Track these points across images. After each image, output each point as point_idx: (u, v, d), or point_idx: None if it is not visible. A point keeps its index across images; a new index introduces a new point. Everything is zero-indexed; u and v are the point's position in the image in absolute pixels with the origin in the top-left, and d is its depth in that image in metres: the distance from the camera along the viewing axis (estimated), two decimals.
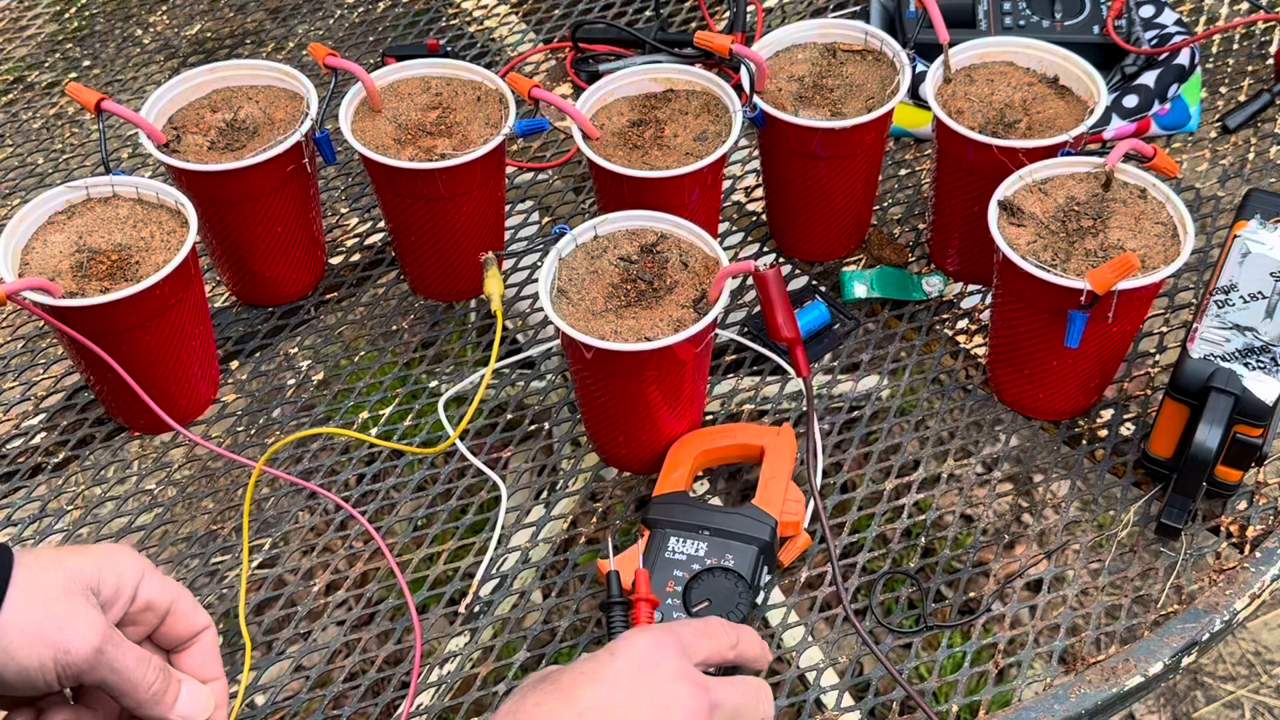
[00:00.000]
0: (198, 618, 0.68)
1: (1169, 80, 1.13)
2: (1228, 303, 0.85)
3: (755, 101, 0.95)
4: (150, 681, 0.64)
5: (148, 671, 0.64)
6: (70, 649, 0.60)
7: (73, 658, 0.60)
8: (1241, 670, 1.59)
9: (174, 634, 0.68)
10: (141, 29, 1.34)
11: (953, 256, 1.02)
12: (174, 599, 0.67)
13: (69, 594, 0.61)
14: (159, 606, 0.66)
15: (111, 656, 0.62)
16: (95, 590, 0.63)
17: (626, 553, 0.84)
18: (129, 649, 0.63)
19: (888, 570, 0.86)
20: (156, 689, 0.64)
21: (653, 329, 0.82)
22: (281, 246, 1.00)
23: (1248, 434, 0.83)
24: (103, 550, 0.65)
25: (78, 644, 0.60)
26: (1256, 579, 0.84)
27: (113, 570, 0.64)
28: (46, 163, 1.19)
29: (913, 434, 0.94)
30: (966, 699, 0.80)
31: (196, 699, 0.66)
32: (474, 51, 1.28)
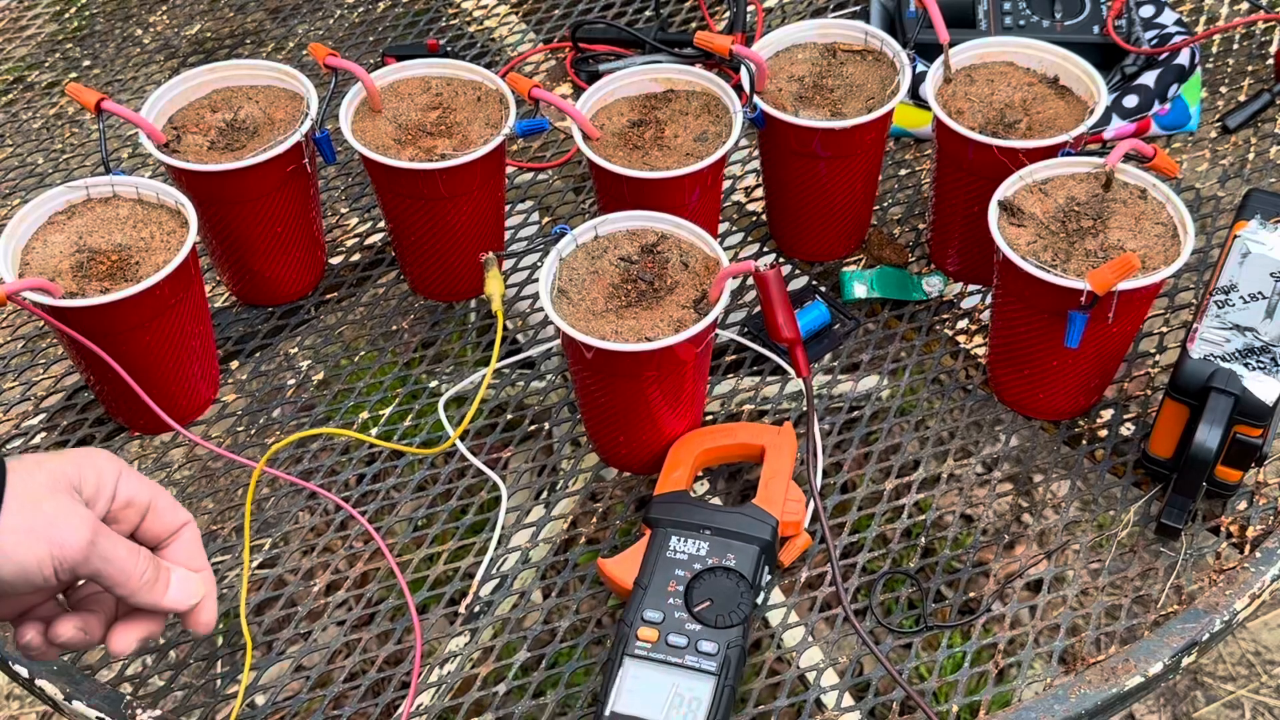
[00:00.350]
0: (178, 514, 0.70)
1: (1169, 80, 1.13)
2: (1228, 303, 0.85)
3: (755, 102, 0.95)
4: (142, 570, 0.65)
5: (139, 560, 0.65)
6: (65, 543, 0.61)
7: (68, 551, 0.62)
8: (1241, 670, 1.59)
9: (156, 530, 0.69)
10: (141, 29, 1.34)
11: (953, 256, 1.02)
12: (152, 496, 0.68)
13: (56, 492, 0.63)
14: (139, 502, 0.68)
15: (104, 548, 0.63)
16: (78, 489, 0.64)
17: (627, 552, 0.84)
18: (119, 540, 0.65)
19: (888, 570, 0.86)
20: (148, 576, 0.66)
21: (653, 329, 0.82)
22: (281, 246, 1.00)
23: (1248, 434, 0.83)
24: (79, 451, 0.66)
25: (71, 538, 0.62)
26: (1256, 579, 0.84)
27: (92, 469, 0.65)
28: (46, 163, 1.19)
29: (913, 434, 0.94)
30: (966, 699, 0.80)
31: (186, 585, 0.68)
32: (474, 51, 1.28)
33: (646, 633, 0.79)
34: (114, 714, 0.80)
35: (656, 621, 0.79)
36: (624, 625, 0.79)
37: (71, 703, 0.81)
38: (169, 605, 0.67)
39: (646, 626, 0.79)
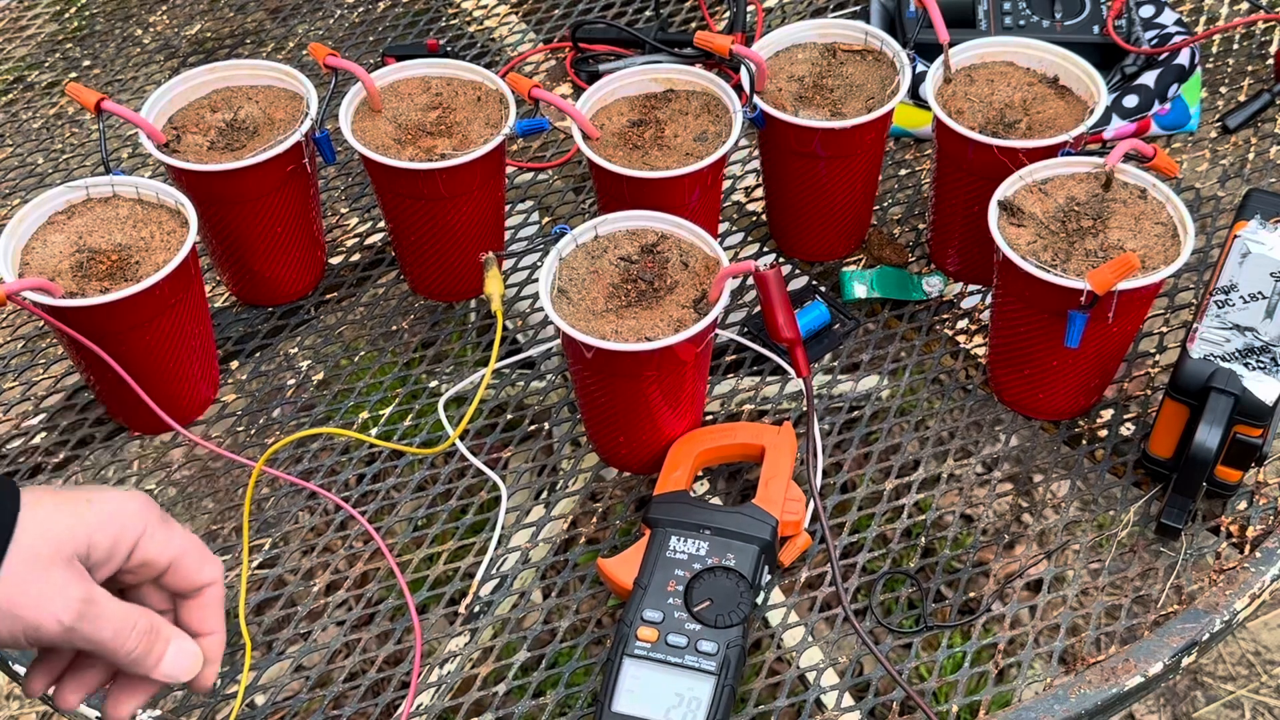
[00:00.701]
0: (203, 573, 0.68)
1: (1169, 80, 1.13)
2: (1228, 303, 0.85)
3: (755, 101, 0.95)
4: (129, 650, 0.64)
5: (125, 640, 0.64)
6: (40, 626, 0.61)
7: (41, 634, 0.61)
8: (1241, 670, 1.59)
9: (176, 585, 0.68)
10: (141, 29, 1.34)
11: (953, 256, 1.02)
12: (176, 555, 0.67)
13: (51, 565, 0.61)
14: (157, 564, 0.66)
15: (84, 632, 0.62)
16: (84, 555, 0.63)
17: (627, 552, 0.84)
18: (106, 622, 0.63)
19: (888, 570, 0.86)
20: (137, 654, 0.65)
21: (653, 329, 0.82)
22: (281, 246, 1.00)
23: (1248, 434, 0.83)
24: (105, 505, 0.64)
25: (47, 622, 0.61)
26: (1256, 579, 0.84)
27: (107, 534, 0.64)
28: (46, 163, 1.19)
29: (913, 434, 0.94)
30: (966, 699, 0.80)
31: (181, 658, 0.67)
32: (474, 51, 1.28)
33: (646, 633, 0.79)
34: None
35: (656, 621, 0.79)
36: (624, 625, 0.79)
37: None
38: (160, 678, 0.66)
39: (646, 626, 0.79)
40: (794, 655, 0.83)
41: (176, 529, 0.67)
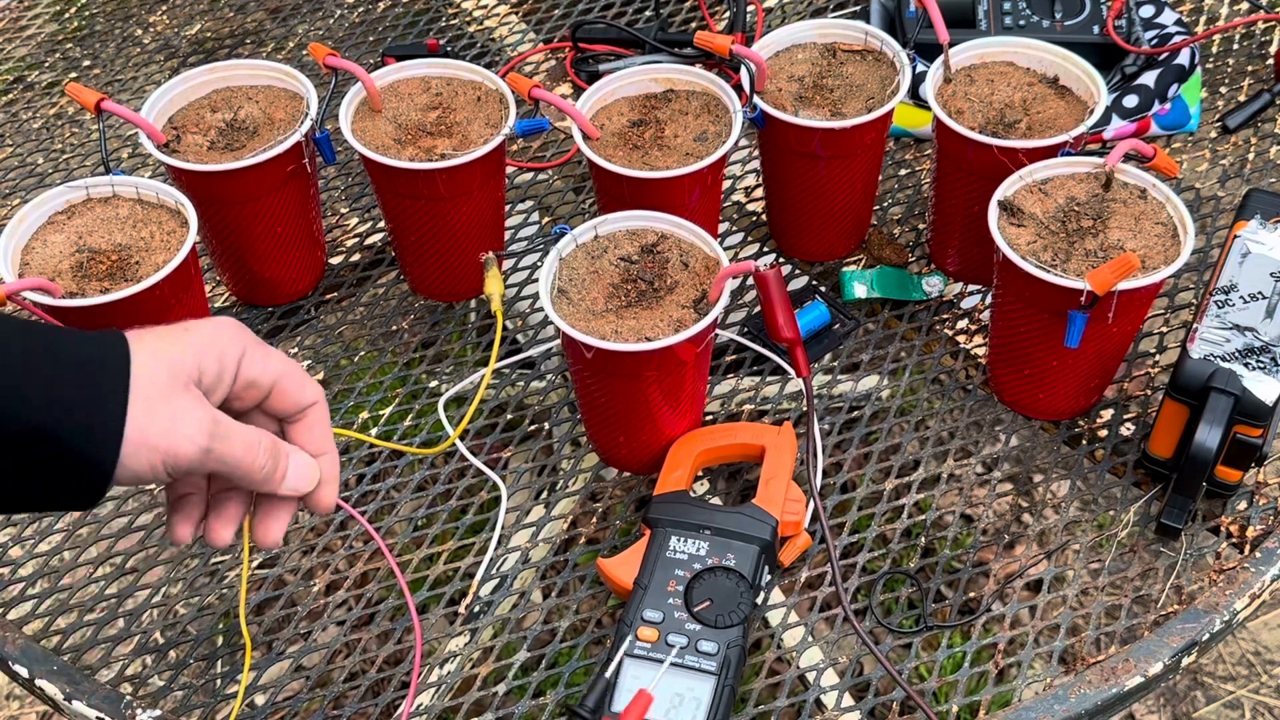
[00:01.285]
0: (305, 393, 0.68)
1: (1169, 80, 1.13)
2: (1228, 303, 0.85)
3: (755, 102, 0.95)
4: (261, 465, 0.64)
5: (256, 456, 0.64)
6: (177, 452, 0.60)
7: (180, 460, 0.60)
8: (1241, 670, 1.59)
9: (282, 407, 0.68)
10: (141, 29, 1.34)
11: (953, 256, 1.02)
12: (277, 376, 0.66)
13: (173, 391, 0.61)
14: (262, 384, 0.66)
15: (219, 452, 0.62)
16: (198, 380, 0.63)
17: (627, 552, 0.84)
18: (235, 439, 0.63)
19: (888, 570, 0.86)
20: (266, 469, 0.65)
21: (653, 329, 0.82)
22: (281, 246, 1.00)
23: (1248, 434, 0.83)
24: (203, 331, 0.64)
25: (184, 446, 0.60)
26: (1256, 579, 0.84)
27: (212, 356, 0.63)
28: (46, 163, 1.19)
29: (913, 434, 0.94)
30: (966, 699, 0.80)
31: (303, 471, 0.67)
32: (474, 51, 1.28)
33: (646, 633, 0.79)
34: (114, 714, 0.80)
35: (656, 621, 0.79)
36: (624, 625, 0.79)
37: (71, 703, 0.81)
38: (286, 491, 0.66)
39: (646, 626, 0.79)
40: (794, 655, 0.83)
41: (273, 352, 0.67)
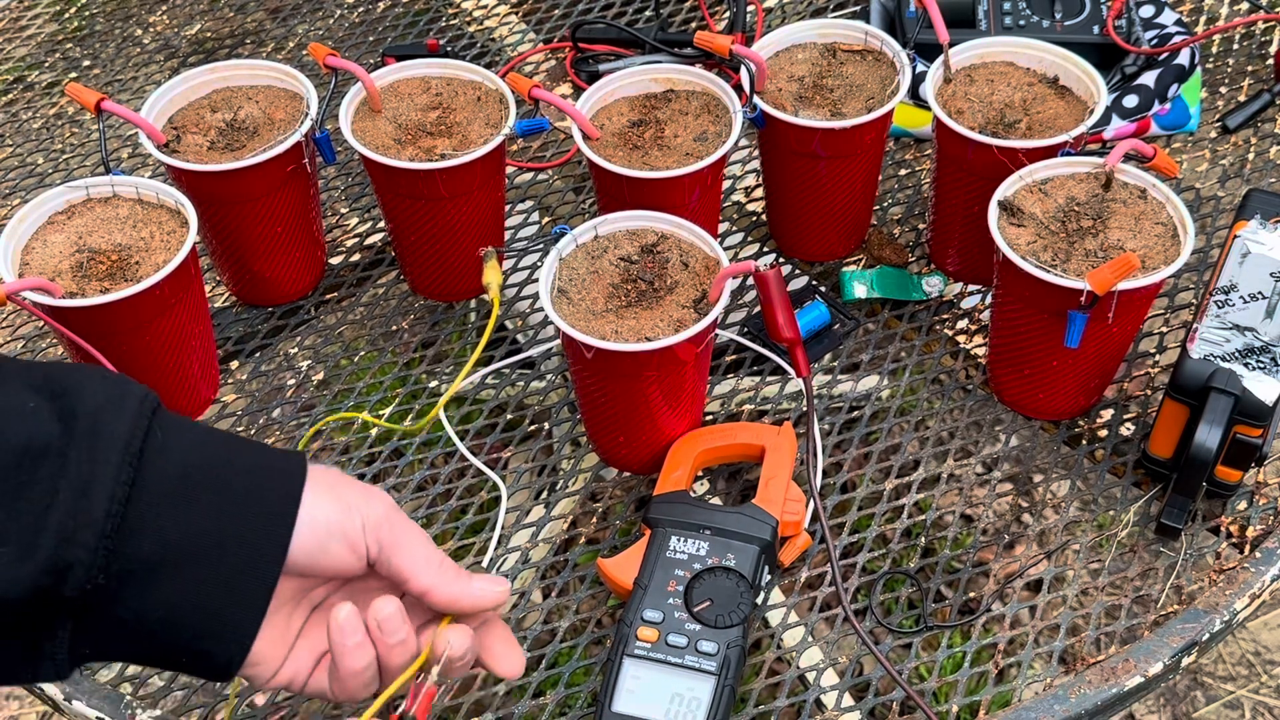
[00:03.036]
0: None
1: (1169, 80, 1.13)
2: (1228, 303, 0.85)
3: (755, 102, 0.95)
4: (439, 559, 0.62)
5: (436, 550, 0.62)
6: (368, 511, 0.60)
7: (371, 517, 0.60)
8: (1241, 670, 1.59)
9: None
10: (141, 29, 1.34)
11: (953, 256, 1.02)
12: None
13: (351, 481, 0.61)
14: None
15: (403, 525, 0.61)
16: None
17: (627, 552, 0.84)
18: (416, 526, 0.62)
19: (888, 570, 0.86)
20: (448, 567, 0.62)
21: (653, 329, 0.82)
22: (281, 246, 1.00)
23: (1248, 434, 0.83)
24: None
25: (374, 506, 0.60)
26: (1256, 579, 0.84)
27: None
28: (46, 163, 1.19)
29: (913, 434, 0.94)
30: (966, 699, 0.80)
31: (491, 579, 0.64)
32: (474, 51, 1.28)
33: (646, 633, 0.79)
34: (114, 714, 0.80)
35: (656, 621, 0.79)
36: (624, 625, 0.79)
37: (71, 703, 0.81)
38: (476, 594, 0.62)
39: (646, 626, 0.79)
40: (794, 655, 0.83)
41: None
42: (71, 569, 0.52)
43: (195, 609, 0.56)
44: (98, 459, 0.53)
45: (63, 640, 0.54)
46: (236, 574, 0.56)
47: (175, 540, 0.54)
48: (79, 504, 0.52)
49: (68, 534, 0.52)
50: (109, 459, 0.53)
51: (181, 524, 0.54)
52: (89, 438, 0.53)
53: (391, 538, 0.61)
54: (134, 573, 0.54)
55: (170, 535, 0.54)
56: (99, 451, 0.53)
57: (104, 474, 0.52)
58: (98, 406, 0.54)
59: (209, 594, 0.56)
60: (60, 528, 0.52)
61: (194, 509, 0.55)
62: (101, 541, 0.52)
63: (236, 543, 0.56)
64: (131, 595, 0.54)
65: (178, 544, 0.54)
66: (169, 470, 0.55)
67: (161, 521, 0.54)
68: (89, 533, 0.52)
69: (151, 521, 0.54)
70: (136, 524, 0.53)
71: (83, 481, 0.52)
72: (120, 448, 0.53)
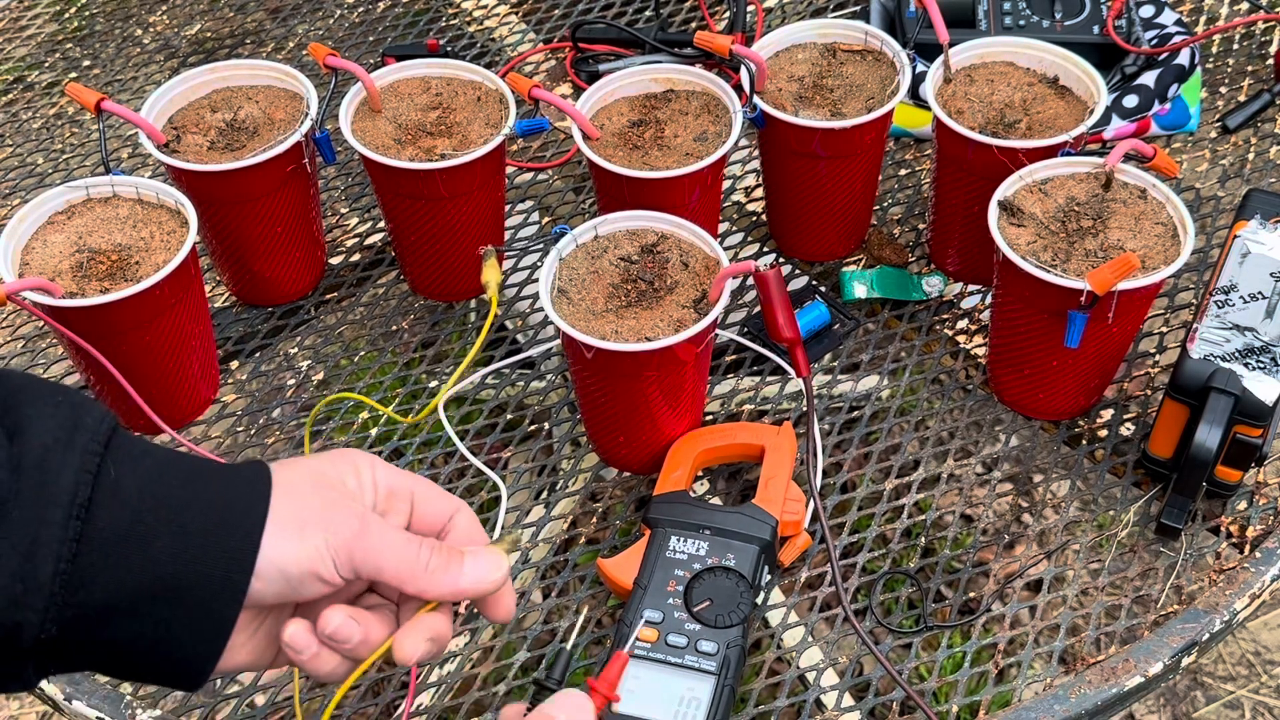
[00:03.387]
0: (447, 501, 0.64)
1: (1169, 80, 1.13)
2: (1228, 303, 0.85)
3: (755, 102, 0.95)
4: (425, 559, 0.60)
5: (420, 550, 0.60)
6: (338, 530, 0.57)
7: (342, 538, 0.57)
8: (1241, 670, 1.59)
9: (428, 520, 0.63)
10: (141, 29, 1.34)
11: (953, 256, 1.02)
12: (413, 485, 0.63)
13: (320, 487, 0.59)
14: (401, 491, 0.62)
15: (378, 536, 0.58)
16: (342, 484, 0.60)
17: (627, 552, 0.84)
18: (395, 530, 0.60)
19: (888, 570, 0.86)
20: (435, 563, 0.60)
21: (653, 329, 0.82)
22: (281, 246, 1.00)
23: (1248, 434, 0.83)
24: (334, 452, 0.62)
25: (343, 524, 0.58)
26: (1256, 579, 0.84)
27: (349, 465, 0.61)
28: (46, 163, 1.19)
29: (913, 434, 0.94)
30: (966, 699, 0.80)
31: (484, 561, 0.61)
32: (474, 51, 1.28)
33: (646, 633, 0.79)
34: (114, 714, 0.80)
35: (656, 621, 0.79)
36: (624, 625, 0.79)
37: (71, 703, 0.81)
38: (468, 587, 0.60)
39: (646, 626, 0.79)
40: (794, 655, 0.83)
41: (400, 469, 0.64)
42: (22, 628, 0.51)
43: (154, 643, 0.54)
44: (44, 517, 0.51)
45: (27, 667, 0.53)
46: (194, 613, 0.55)
47: (130, 586, 0.53)
48: (24, 567, 0.50)
49: (15, 597, 0.50)
50: (53, 517, 0.51)
51: (135, 570, 0.53)
52: (34, 491, 0.51)
53: (365, 556, 0.58)
54: (86, 617, 0.52)
55: (124, 582, 0.53)
56: (44, 509, 0.51)
57: (48, 535, 0.51)
58: (45, 449, 0.52)
59: (166, 630, 0.54)
60: (7, 591, 0.50)
61: (147, 553, 0.53)
62: (50, 601, 0.51)
63: (193, 585, 0.54)
64: (87, 635, 0.53)
65: (133, 589, 0.53)
66: (121, 515, 0.53)
67: (113, 570, 0.52)
68: (36, 596, 0.51)
69: (103, 571, 0.52)
70: (88, 574, 0.52)
71: (28, 542, 0.50)
72: (66, 501, 0.51)
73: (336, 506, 0.58)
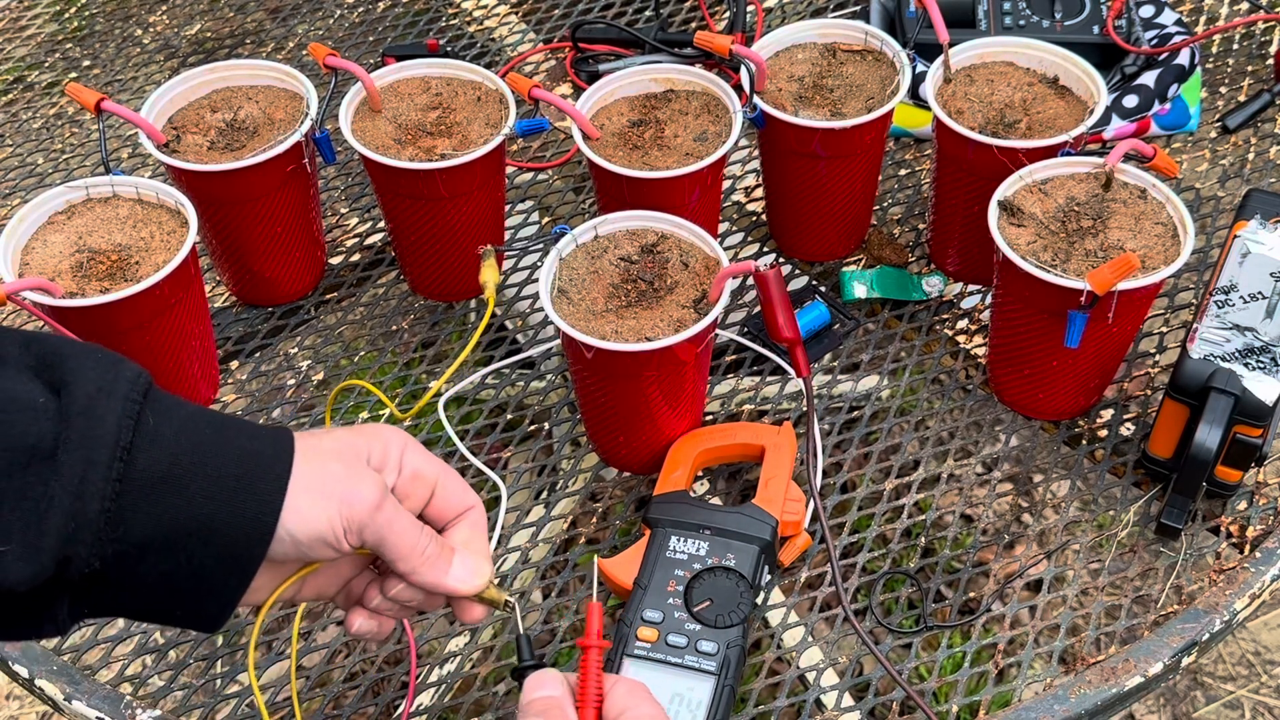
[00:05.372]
0: (465, 496, 0.68)
1: (1169, 80, 1.13)
2: (1228, 303, 0.85)
3: (755, 102, 0.95)
4: (424, 546, 0.64)
5: (421, 536, 0.64)
6: (354, 502, 0.61)
7: (356, 510, 0.61)
8: (1241, 670, 1.59)
9: (442, 510, 0.67)
10: (141, 29, 1.34)
11: (953, 256, 1.02)
12: (439, 473, 0.67)
13: (342, 457, 0.62)
14: (426, 477, 0.66)
15: (390, 514, 0.62)
16: (366, 458, 0.64)
17: (627, 552, 0.84)
18: (405, 512, 0.64)
19: (888, 570, 0.86)
20: (430, 553, 0.64)
21: (653, 329, 0.82)
22: (281, 246, 1.00)
23: (1248, 434, 0.83)
24: (365, 426, 0.66)
25: (359, 498, 0.61)
26: (1256, 579, 0.84)
27: (379, 441, 0.65)
28: (46, 163, 1.19)
29: (913, 434, 0.94)
30: (966, 699, 0.80)
31: (469, 565, 0.66)
32: (474, 51, 1.28)
33: (646, 633, 0.79)
34: (114, 714, 0.80)
35: (656, 621, 0.79)
36: (624, 625, 0.79)
37: (71, 703, 0.81)
38: (450, 585, 0.65)
39: (646, 626, 0.79)
40: (794, 655, 0.83)
41: (434, 455, 0.67)
42: (71, 562, 0.55)
43: (184, 578, 0.58)
44: (91, 458, 0.54)
45: (62, 607, 0.57)
46: (224, 552, 0.58)
47: (166, 524, 0.57)
48: (75, 505, 0.54)
49: (68, 534, 0.54)
50: (99, 458, 0.55)
51: (171, 510, 0.57)
52: (81, 435, 0.55)
53: (374, 530, 0.62)
54: (127, 553, 0.56)
55: (161, 520, 0.56)
56: (91, 450, 0.55)
57: (95, 475, 0.54)
58: (89, 398, 0.55)
59: (199, 566, 0.58)
60: (60, 529, 0.54)
61: (183, 496, 0.57)
62: (96, 536, 0.55)
63: (225, 525, 0.58)
64: (125, 570, 0.57)
65: (168, 527, 0.57)
66: (159, 459, 0.57)
67: (152, 509, 0.56)
68: (85, 531, 0.54)
69: (142, 510, 0.56)
70: (128, 512, 0.56)
71: (77, 482, 0.54)
72: (110, 443, 0.55)
73: (354, 479, 0.62)
